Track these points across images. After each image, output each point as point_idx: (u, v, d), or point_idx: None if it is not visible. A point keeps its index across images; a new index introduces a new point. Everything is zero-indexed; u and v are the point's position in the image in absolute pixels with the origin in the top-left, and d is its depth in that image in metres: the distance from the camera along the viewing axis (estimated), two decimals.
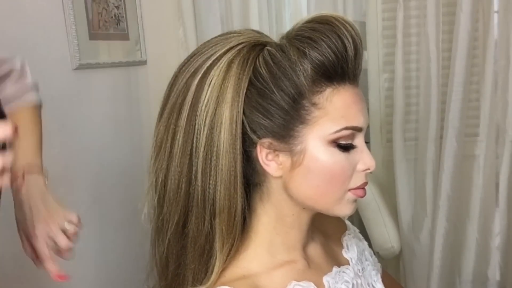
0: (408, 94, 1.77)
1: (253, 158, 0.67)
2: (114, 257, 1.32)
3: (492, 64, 1.64)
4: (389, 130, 1.85)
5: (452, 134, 1.63)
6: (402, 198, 1.78)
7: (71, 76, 1.17)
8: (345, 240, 0.84)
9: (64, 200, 1.15)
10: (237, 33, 0.68)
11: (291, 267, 0.71)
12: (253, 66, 0.65)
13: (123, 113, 1.38)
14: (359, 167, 0.68)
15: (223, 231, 0.66)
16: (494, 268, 1.74)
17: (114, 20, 1.35)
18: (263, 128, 0.65)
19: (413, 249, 1.78)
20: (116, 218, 1.33)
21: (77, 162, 1.19)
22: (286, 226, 0.71)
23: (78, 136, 1.19)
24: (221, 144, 0.64)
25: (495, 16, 1.62)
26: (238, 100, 0.64)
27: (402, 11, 1.68)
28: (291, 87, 0.63)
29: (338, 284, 0.73)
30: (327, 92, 0.65)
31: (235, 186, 0.65)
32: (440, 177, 1.67)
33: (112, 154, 1.33)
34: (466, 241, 1.77)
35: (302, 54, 0.63)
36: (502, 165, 1.67)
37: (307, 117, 0.64)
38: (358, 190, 0.69)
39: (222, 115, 0.64)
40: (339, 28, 0.64)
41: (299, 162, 0.65)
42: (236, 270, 0.68)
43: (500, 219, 1.70)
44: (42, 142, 0.96)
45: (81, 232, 0.97)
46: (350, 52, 0.64)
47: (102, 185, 1.28)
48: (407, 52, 1.74)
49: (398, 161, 1.76)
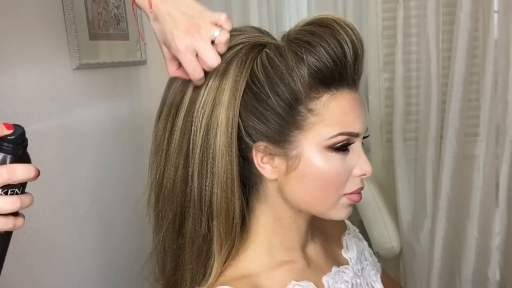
0: (408, 94, 1.77)
1: (250, 160, 0.67)
2: (114, 257, 1.32)
3: (492, 64, 1.64)
4: (389, 130, 1.85)
5: (452, 134, 1.63)
6: (402, 198, 1.78)
7: (71, 76, 1.17)
8: (344, 240, 0.84)
9: (64, 200, 1.15)
10: (237, 31, 0.68)
11: (290, 267, 0.71)
12: (250, 68, 0.64)
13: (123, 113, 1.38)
14: (355, 172, 0.67)
15: (221, 233, 0.65)
16: (494, 268, 1.74)
17: (114, 20, 1.35)
18: (258, 132, 0.65)
19: (413, 249, 1.78)
20: (116, 218, 1.33)
21: (77, 162, 1.18)
22: (284, 228, 0.71)
23: (78, 136, 1.19)
24: (217, 146, 0.63)
25: (495, 16, 1.62)
26: (234, 103, 0.63)
27: (402, 11, 1.68)
28: (287, 92, 0.63)
29: (338, 284, 0.73)
30: (324, 98, 0.64)
31: (232, 188, 0.65)
32: (440, 177, 1.67)
33: (112, 154, 1.33)
34: (466, 241, 1.77)
35: (300, 59, 0.62)
36: (502, 165, 1.66)
37: (302, 123, 0.64)
38: (353, 195, 0.68)
39: (218, 117, 0.63)
40: (339, 33, 0.63)
41: (294, 167, 0.65)
42: (236, 270, 0.68)
43: (500, 219, 1.70)
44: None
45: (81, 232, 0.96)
46: (349, 58, 0.63)
47: (102, 185, 1.28)
48: (407, 52, 1.73)
49: (398, 161, 1.76)
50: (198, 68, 0.63)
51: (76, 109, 1.19)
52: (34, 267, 1.04)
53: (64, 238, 1.14)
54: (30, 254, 1.03)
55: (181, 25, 0.62)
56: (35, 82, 1.07)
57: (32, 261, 1.04)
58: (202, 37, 0.62)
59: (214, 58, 0.61)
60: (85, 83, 1.21)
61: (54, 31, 1.12)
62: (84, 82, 1.21)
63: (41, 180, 1.10)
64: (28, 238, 1.03)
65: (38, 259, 1.06)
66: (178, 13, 0.63)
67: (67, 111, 1.16)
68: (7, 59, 1.00)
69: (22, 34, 1.03)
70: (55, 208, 1.11)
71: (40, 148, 1.07)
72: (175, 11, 0.63)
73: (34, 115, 1.06)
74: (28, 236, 1.02)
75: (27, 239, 1.02)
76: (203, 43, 0.62)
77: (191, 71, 0.63)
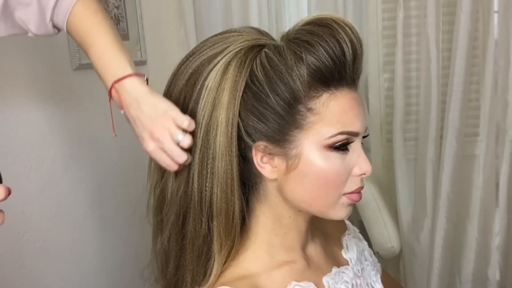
0: (408, 94, 1.77)
1: (249, 159, 0.67)
2: (114, 258, 1.32)
3: (492, 64, 1.64)
4: (389, 130, 1.85)
5: (452, 134, 1.63)
6: (402, 198, 1.78)
7: (71, 76, 1.17)
8: (344, 240, 0.84)
9: (64, 200, 1.15)
10: (236, 32, 0.68)
11: (290, 267, 0.71)
12: (250, 68, 0.64)
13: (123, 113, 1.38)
14: (355, 172, 0.67)
15: (221, 233, 0.65)
16: (494, 268, 1.74)
17: (114, 20, 1.35)
18: (258, 132, 0.65)
19: (413, 249, 1.78)
20: (116, 218, 1.33)
21: (77, 162, 1.19)
22: (284, 228, 0.71)
23: (78, 136, 1.19)
24: (217, 146, 0.64)
25: (495, 16, 1.62)
26: (234, 103, 0.63)
27: (402, 11, 1.68)
28: (286, 92, 0.63)
29: (338, 284, 0.73)
30: (324, 97, 0.64)
31: (232, 188, 0.65)
32: (440, 177, 1.67)
33: (112, 154, 1.33)
34: (466, 241, 1.77)
35: (299, 58, 0.62)
36: (502, 165, 1.67)
37: (302, 122, 0.64)
38: (353, 194, 0.68)
39: (218, 117, 0.64)
40: (338, 32, 0.63)
41: (294, 166, 0.65)
42: (236, 271, 0.68)
43: (500, 219, 1.70)
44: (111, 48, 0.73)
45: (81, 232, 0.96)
46: (348, 57, 0.63)
47: (102, 185, 1.28)
48: (407, 52, 1.74)
49: (398, 161, 1.76)
50: (171, 163, 0.67)
51: (76, 109, 1.19)
52: (34, 267, 1.04)
53: (64, 238, 1.14)
54: (30, 254, 1.03)
55: (146, 130, 0.67)
56: (35, 82, 1.07)
57: (32, 261, 1.04)
58: (166, 140, 0.66)
59: (180, 156, 0.66)
60: (85, 83, 1.21)
61: None
62: (84, 82, 1.21)
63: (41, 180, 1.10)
64: (28, 238, 1.03)
65: (38, 259, 1.06)
66: (144, 116, 0.68)
67: (67, 111, 1.16)
68: (7, 59, 1.00)
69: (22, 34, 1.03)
70: (55, 208, 1.11)
71: (40, 148, 1.07)
72: (141, 115, 0.68)
73: (34, 115, 1.06)
74: (28, 236, 1.03)
75: (27, 239, 1.02)
76: (167, 145, 0.66)
77: (165, 166, 0.68)
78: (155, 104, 0.68)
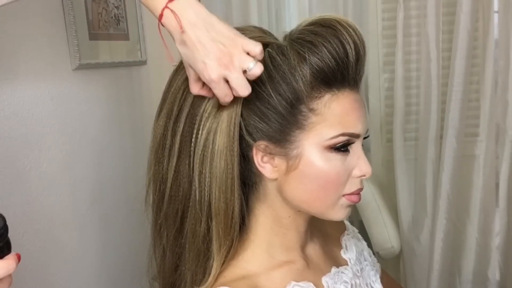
0: (408, 94, 1.77)
1: (250, 159, 0.67)
2: (114, 257, 1.32)
3: (492, 64, 1.64)
4: (389, 130, 1.85)
5: (452, 134, 1.63)
6: (402, 198, 1.78)
7: (71, 76, 1.17)
8: (344, 240, 0.84)
9: (64, 200, 1.15)
10: (239, 30, 0.68)
11: (290, 267, 0.71)
12: None
13: (123, 113, 1.38)
14: (355, 173, 0.67)
15: (220, 233, 0.66)
16: (494, 268, 1.74)
17: (114, 20, 1.35)
18: (259, 131, 0.65)
19: (413, 249, 1.78)
20: (116, 218, 1.33)
21: (77, 162, 1.19)
22: (283, 228, 0.71)
23: (78, 136, 1.19)
24: (217, 146, 0.64)
25: (495, 16, 1.62)
26: (236, 102, 0.64)
27: (402, 11, 1.68)
28: (289, 92, 0.63)
29: (337, 284, 0.73)
30: (326, 98, 0.64)
31: (232, 188, 0.65)
32: (440, 177, 1.67)
33: (113, 154, 1.33)
34: (466, 241, 1.77)
35: (302, 59, 0.63)
36: (502, 165, 1.67)
37: (304, 122, 0.64)
38: (352, 195, 0.68)
39: (220, 117, 0.64)
40: (342, 33, 0.63)
41: (294, 166, 0.65)
42: (235, 271, 0.68)
43: (500, 219, 1.70)
44: None
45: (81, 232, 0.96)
46: (351, 58, 0.64)
47: (102, 185, 1.28)
48: (407, 52, 1.74)
49: (398, 161, 1.76)
50: (229, 93, 0.61)
51: (76, 109, 1.19)
52: (34, 267, 1.04)
53: (64, 238, 1.14)
54: (30, 254, 1.03)
55: (213, 55, 0.59)
56: (35, 82, 1.07)
57: (32, 261, 1.04)
58: (234, 68, 0.59)
59: (246, 88, 0.60)
60: (85, 83, 1.21)
61: (54, 31, 1.12)
62: (84, 82, 1.21)
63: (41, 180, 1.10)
64: (28, 238, 1.03)
65: (38, 259, 1.06)
66: (209, 40, 0.60)
67: (67, 111, 1.16)
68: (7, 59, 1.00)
69: (22, 34, 1.03)
70: (55, 208, 1.11)
71: (40, 148, 1.07)
72: (205, 39, 0.60)
73: (34, 115, 1.06)
74: (28, 236, 1.02)
75: (27, 239, 1.02)
76: (236, 74, 0.60)
77: (222, 96, 0.62)
78: (221, 28, 0.61)
